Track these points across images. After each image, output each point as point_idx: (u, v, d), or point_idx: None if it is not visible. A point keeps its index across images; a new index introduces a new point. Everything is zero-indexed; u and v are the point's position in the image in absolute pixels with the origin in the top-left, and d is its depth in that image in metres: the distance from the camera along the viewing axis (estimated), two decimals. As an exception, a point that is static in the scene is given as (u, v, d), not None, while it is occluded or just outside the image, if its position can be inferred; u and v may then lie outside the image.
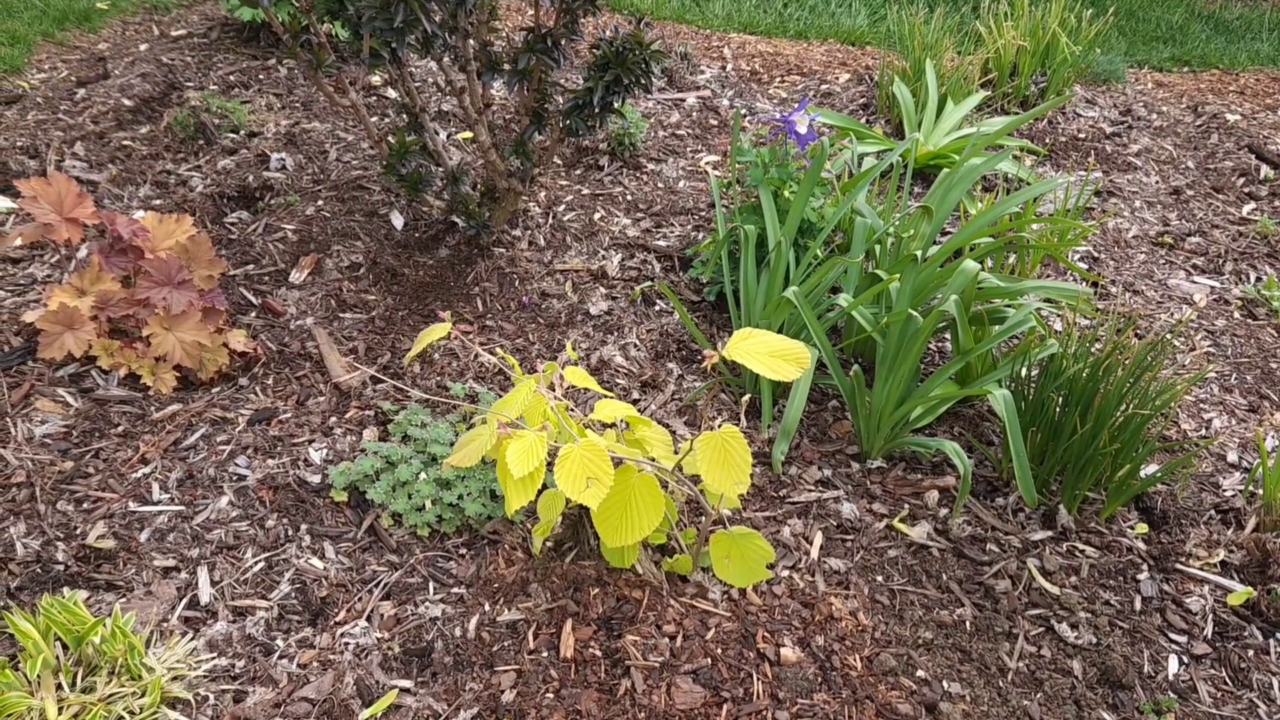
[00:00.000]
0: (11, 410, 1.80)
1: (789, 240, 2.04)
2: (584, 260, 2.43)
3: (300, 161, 2.67)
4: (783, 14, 4.43)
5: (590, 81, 1.97)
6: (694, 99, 3.34)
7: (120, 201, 2.46)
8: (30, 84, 3.17)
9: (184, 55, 3.29)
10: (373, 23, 1.71)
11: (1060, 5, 3.37)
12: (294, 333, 2.12)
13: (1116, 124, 3.37)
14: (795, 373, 1.26)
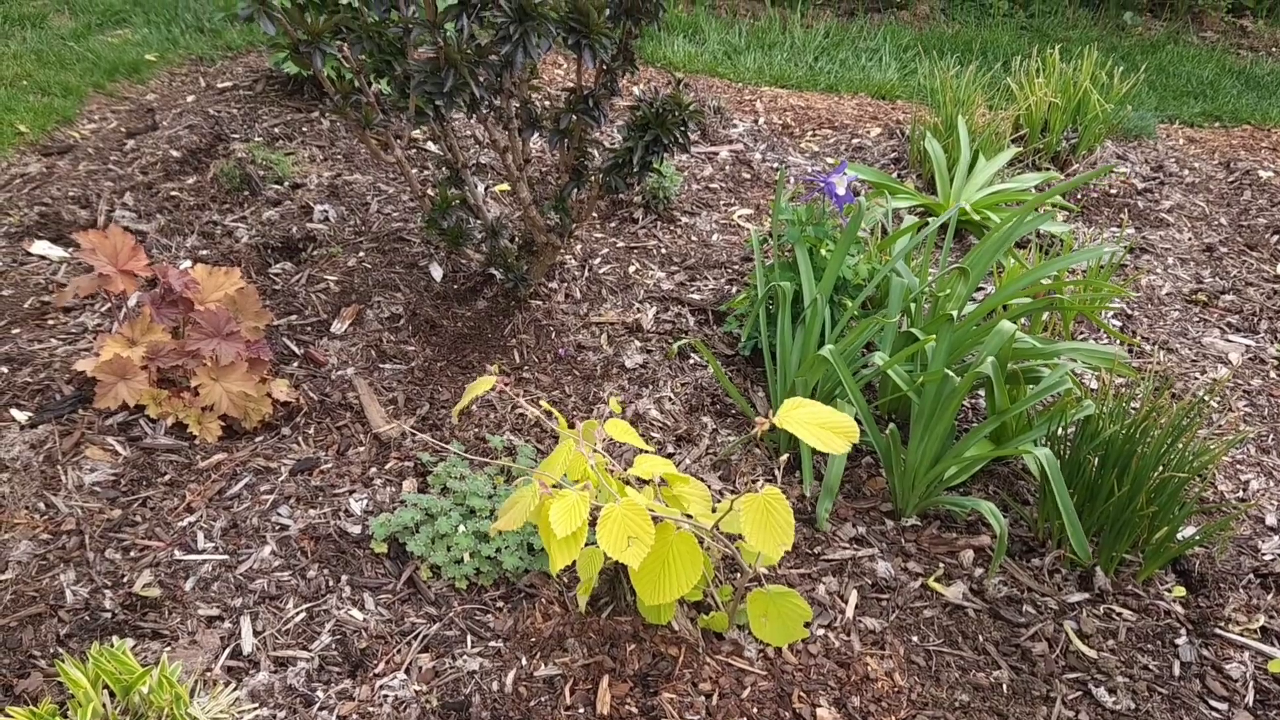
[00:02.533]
0: (63, 458, 1.84)
1: (825, 298, 2.06)
2: (619, 313, 2.46)
3: (342, 213, 2.73)
4: (813, 67, 4.49)
5: (630, 141, 2.01)
6: (727, 152, 3.38)
7: (168, 252, 2.52)
8: (81, 134, 3.27)
9: (230, 107, 3.37)
10: (422, 86, 1.76)
11: (1091, 62, 3.40)
12: (335, 383, 2.16)
13: (1148, 180, 3.38)
14: (844, 446, 1.28)
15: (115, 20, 4.49)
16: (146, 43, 4.19)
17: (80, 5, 4.56)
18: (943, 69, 3.94)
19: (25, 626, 1.55)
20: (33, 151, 3.11)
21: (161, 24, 4.41)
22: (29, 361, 2.09)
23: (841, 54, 4.66)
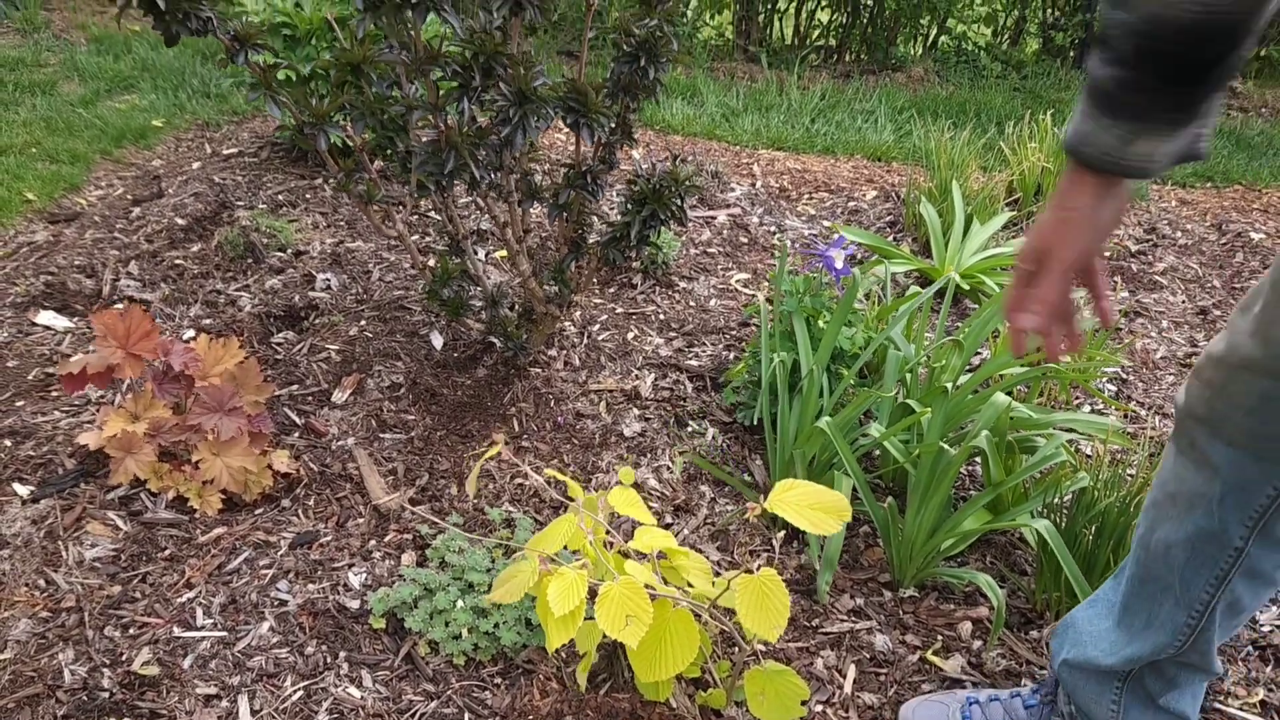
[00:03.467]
0: (64, 533, 1.85)
1: (821, 368, 2.08)
2: (618, 380, 2.48)
3: (344, 281, 2.76)
4: (810, 129, 4.56)
5: (628, 216, 2.04)
6: (724, 216, 3.43)
7: (172, 321, 2.55)
8: (88, 201, 3.32)
9: (235, 174, 3.43)
10: (424, 166, 1.80)
11: (1082, 127, 3.45)
12: (335, 453, 2.17)
13: (1141, 241, 3.42)
14: (836, 527, 1.29)
15: (124, 86, 4.57)
16: (154, 108, 4.26)
17: (90, 72, 4.64)
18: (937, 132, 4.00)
19: (23, 708, 1.55)
20: (40, 219, 3.16)
21: (169, 90, 4.49)
22: (32, 434, 2.10)
23: (838, 116, 4.73)
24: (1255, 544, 1.21)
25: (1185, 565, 1.28)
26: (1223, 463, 1.20)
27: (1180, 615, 1.32)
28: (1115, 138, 0.97)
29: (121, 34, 5.24)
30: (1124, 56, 0.94)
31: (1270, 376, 1.12)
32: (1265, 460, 1.16)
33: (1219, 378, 1.19)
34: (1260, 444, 1.16)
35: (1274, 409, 1.13)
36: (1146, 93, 0.94)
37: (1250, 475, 1.18)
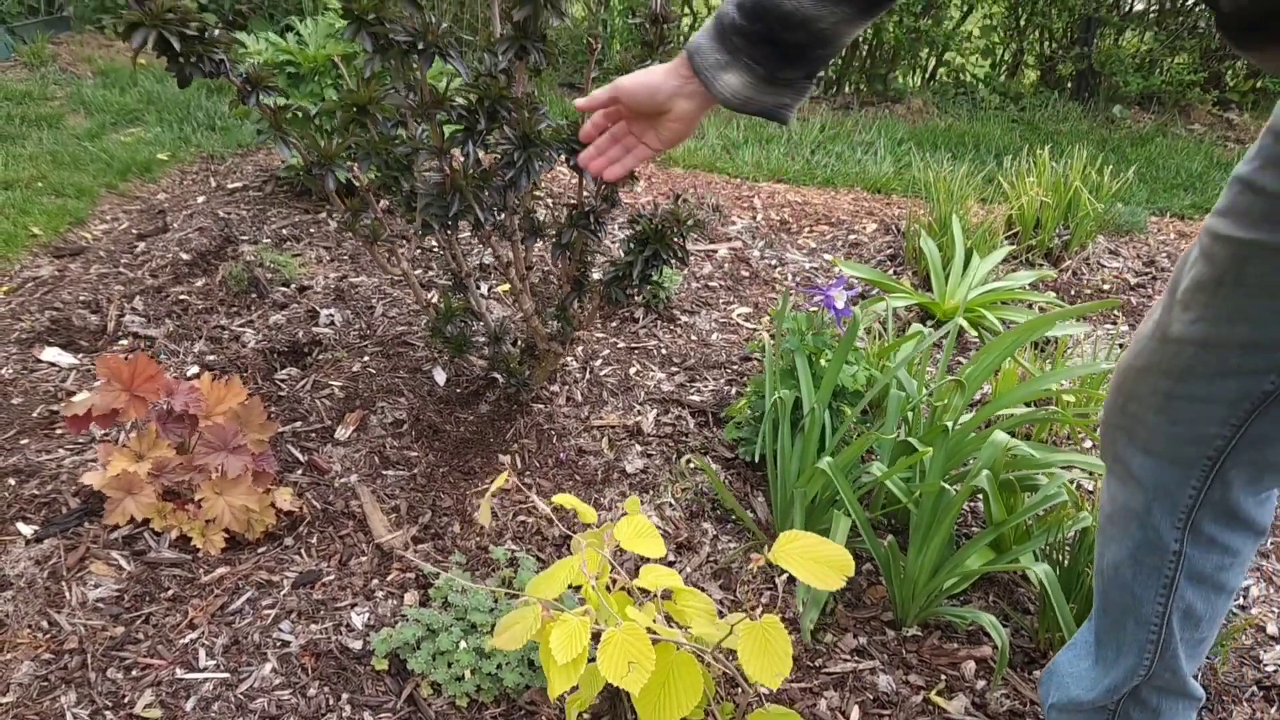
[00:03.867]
0: (67, 574, 1.86)
1: (823, 407, 2.09)
2: (620, 416, 2.49)
3: (348, 317, 2.78)
4: (810, 161, 4.59)
5: (630, 256, 2.06)
6: (725, 250, 3.45)
7: (176, 357, 2.56)
8: (93, 235, 3.34)
9: (239, 208, 3.45)
10: (429, 208, 1.82)
11: (1081, 162, 3.48)
12: (338, 491, 2.18)
13: (1141, 275, 3.44)
14: (838, 581, 1.30)
15: (129, 119, 4.61)
16: (159, 141, 4.30)
17: (96, 105, 4.68)
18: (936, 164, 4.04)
19: (25, 751, 1.55)
20: (45, 254, 3.18)
21: (174, 122, 4.52)
22: (36, 473, 2.11)
23: (837, 147, 4.76)
24: (1189, 545, 1.29)
25: (1134, 580, 1.35)
26: (1143, 472, 1.29)
27: (1141, 633, 1.37)
28: (715, 60, 1.21)
29: (128, 67, 5.29)
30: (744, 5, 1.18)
31: (1170, 376, 1.22)
32: (1179, 462, 1.25)
33: (1128, 384, 1.30)
34: (1172, 446, 1.25)
35: (1177, 408, 1.22)
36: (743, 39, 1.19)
37: (1169, 479, 1.26)
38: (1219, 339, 1.16)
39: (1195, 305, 1.19)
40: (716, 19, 1.23)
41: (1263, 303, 1.12)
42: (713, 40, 1.22)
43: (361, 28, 1.80)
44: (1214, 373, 1.18)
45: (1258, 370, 1.14)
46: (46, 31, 5.55)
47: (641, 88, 1.26)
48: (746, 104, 1.24)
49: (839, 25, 1.20)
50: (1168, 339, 1.22)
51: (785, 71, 1.23)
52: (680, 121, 1.27)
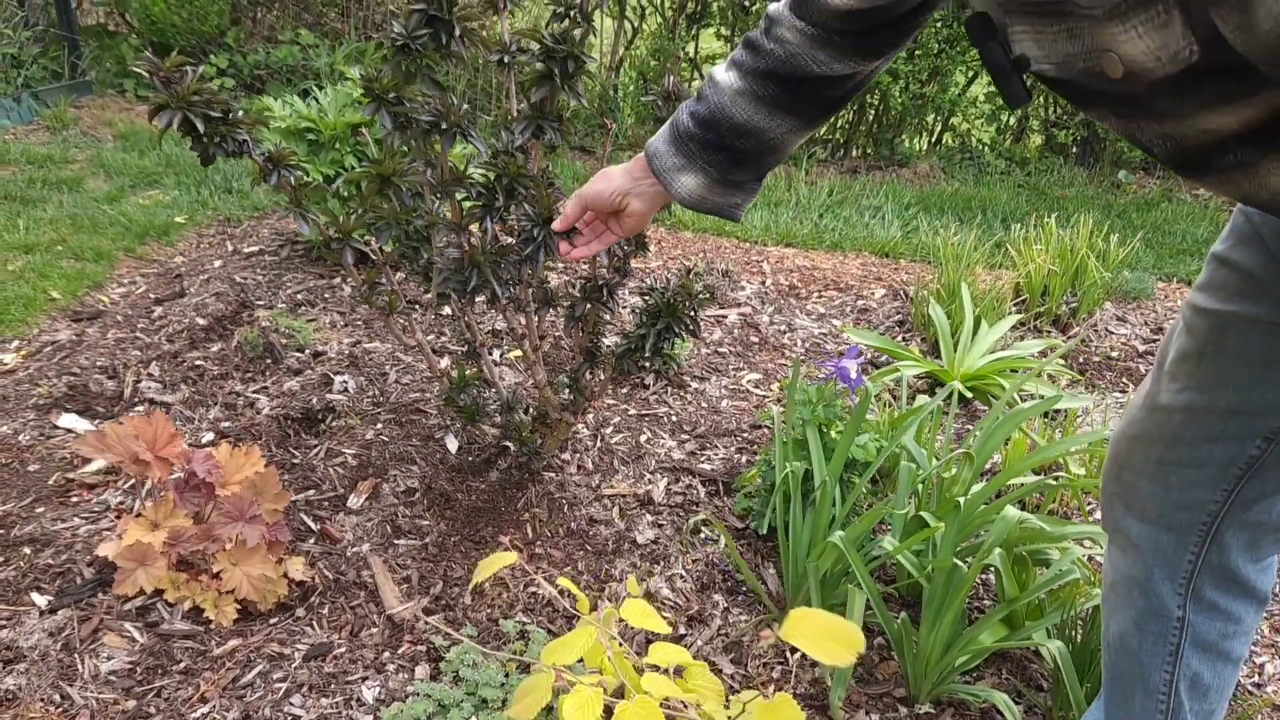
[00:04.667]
0: (80, 645, 1.86)
1: (834, 479, 2.10)
2: (631, 485, 2.50)
3: (361, 384, 2.80)
4: (818, 225, 4.64)
5: (643, 329, 2.09)
6: (735, 315, 3.48)
7: (191, 424, 2.59)
8: (111, 299, 3.38)
9: (255, 273, 3.50)
10: (447, 282, 1.85)
11: (1087, 230, 3.52)
12: (350, 560, 2.18)
13: (1149, 342, 3.45)
14: (849, 658, 1.30)
15: (148, 182, 4.69)
16: (176, 205, 4.37)
17: (115, 168, 4.77)
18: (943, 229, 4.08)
19: (35, 829, 1.54)
20: (63, 318, 3.22)
21: (191, 185, 4.60)
22: (51, 542, 2.12)
23: (845, 211, 4.82)
24: (1192, 611, 1.32)
25: (1140, 649, 1.37)
26: (1142, 539, 1.32)
27: (1150, 705, 1.39)
28: (673, 164, 1.36)
29: (148, 130, 5.39)
30: (698, 115, 1.34)
31: (1161, 444, 1.27)
32: (1176, 528, 1.28)
33: (1122, 452, 1.35)
34: (1167, 512, 1.29)
35: (1169, 474, 1.27)
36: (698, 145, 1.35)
37: (1168, 545, 1.30)
38: (1204, 406, 1.22)
39: (1181, 375, 1.25)
40: (673, 125, 1.38)
41: (1242, 371, 1.18)
42: (670, 145, 1.37)
43: (381, 106, 1.85)
44: (1202, 439, 1.23)
45: (1243, 436, 1.19)
46: (69, 96, 5.67)
47: (598, 196, 1.46)
48: (701, 203, 1.39)
49: (786, 135, 1.35)
50: (1157, 408, 1.28)
51: (736, 174, 1.37)
52: (634, 217, 1.46)
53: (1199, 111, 0.87)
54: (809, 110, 1.32)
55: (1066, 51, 0.90)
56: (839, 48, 1.25)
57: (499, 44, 2.01)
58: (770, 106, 1.30)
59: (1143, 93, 0.88)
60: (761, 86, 1.30)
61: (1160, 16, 0.79)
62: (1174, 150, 0.95)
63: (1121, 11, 0.81)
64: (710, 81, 1.35)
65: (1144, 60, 0.84)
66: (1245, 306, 1.16)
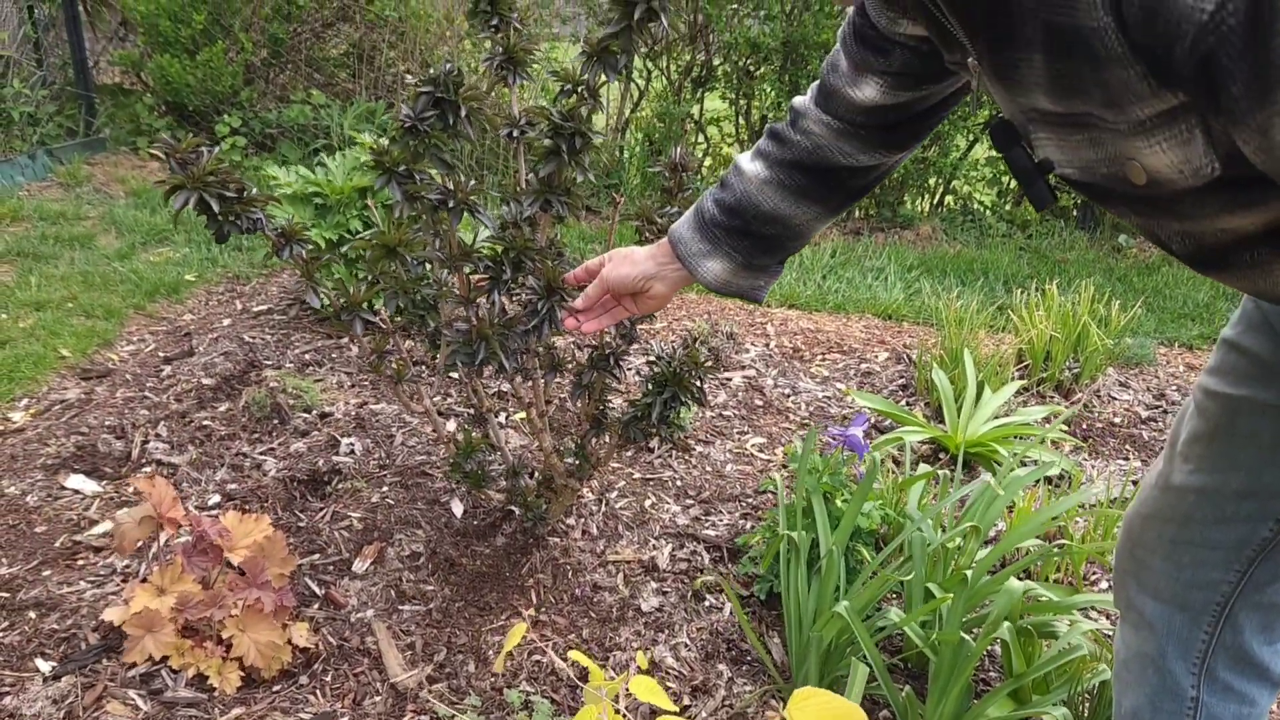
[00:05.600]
0: (84, 714, 1.86)
1: (841, 548, 2.10)
2: (635, 550, 2.50)
3: (368, 446, 2.82)
4: (822, 286, 4.68)
5: (649, 397, 2.10)
6: (740, 378, 3.50)
7: (198, 485, 2.60)
8: (120, 357, 3.41)
9: (264, 333, 3.53)
10: (456, 354, 1.87)
11: (1089, 296, 3.55)
12: (354, 626, 2.18)
13: (1151, 408, 3.47)
14: (854, 741, 1.30)
15: (158, 239, 4.75)
16: (187, 262, 4.42)
17: (127, 225, 4.83)
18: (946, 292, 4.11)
19: None
20: (73, 376, 3.24)
21: (202, 243, 4.66)
22: (57, 606, 2.13)
23: (849, 273, 4.86)
24: (1206, 691, 1.31)
25: None
26: (1155, 618, 1.32)
27: None
28: (698, 249, 1.40)
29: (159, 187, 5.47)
30: (724, 203, 1.38)
31: (1173, 523, 1.28)
32: (1189, 608, 1.28)
33: (1135, 530, 1.35)
34: (1180, 592, 1.28)
35: (1182, 554, 1.27)
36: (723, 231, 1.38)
37: (1181, 624, 1.29)
38: (1216, 488, 1.23)
39: (1193, 457, 1.26)
40: (697, 212, 1.42)
41: (1254, 454, 1.20)
42: (694, 231, 1.41)
43: (391, 179, 1.89)
44: (1214, 520, 1.24)
45: (1255, 518, 1.21)
46: (83, 153, 5.76)
47: (622, 281, 1.48)
48: (726, 286, 1.43)
49: (812, 222, 1.39)
50: (1169, 487, 1.29)
51: (761, 259, 1.41)
52: (655, 299, 1.49)
53: (1219, 214, 0.90)
54: (834, 199, 1.37)
55: (1090, 158, 0.92)
56: (864, 140, 1.30)
57: (508, 118, 2.06)
58: (796, 195, 1.35)
59: (1165, 197, 0.91)
60: (788, 176, 1.35)
61: (1183, 134, 0.82)
62: (1192, 248, 0.98)
63: (1146, 129, 0.83)
64: (735, 170, 1.39)
65: (1167, 172, 0.86)
66: (1256, 391, 1.18)
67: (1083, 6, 0.76)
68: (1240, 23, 0.67)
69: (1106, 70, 0.79)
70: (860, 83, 1.25)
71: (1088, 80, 0.82)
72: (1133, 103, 0.81)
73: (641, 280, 1.47)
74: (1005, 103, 0.98)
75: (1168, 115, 0.81)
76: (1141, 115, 0.82)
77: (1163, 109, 0.81)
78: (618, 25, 1.87)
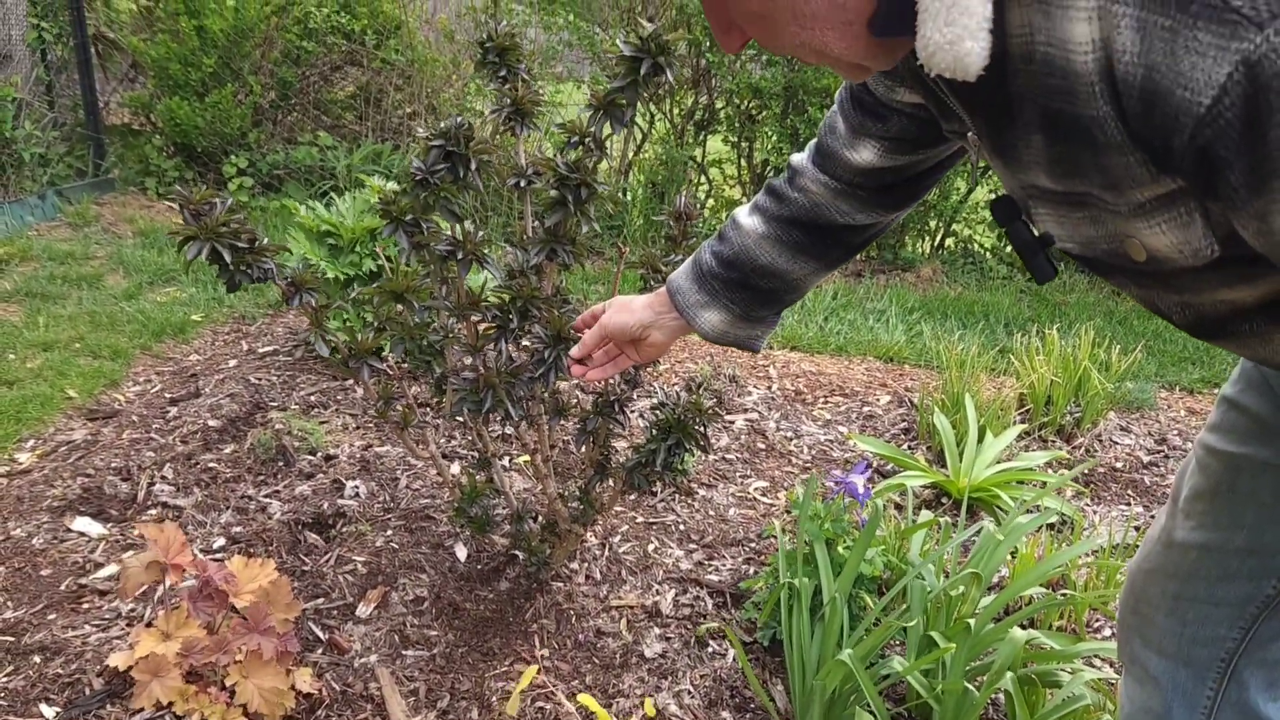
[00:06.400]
0: (87, 760, 1.86)
1: (843, 596, 2.11)
2: (639, 596, 2.50)
3: (373, 489, 2.83)
4: (824, 328, 4.71)
5: (653, 444, 2.12)
6: (742, 421, 3.52)
7: (203, 528, 2.61)
8: (126, 398, 3.43)
9: (270, 374, 3.55)
10: (463, 402, 1.89)
11: (1089, 339, 3.58)
12: (358, 671, 2.18)
13: (1153, 453, 3.48)
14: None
15: (165, 278, 4.79)
16: (193, 302, 4.46)
17: (134, 265, 4.87)
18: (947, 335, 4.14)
19: None
20: (79, 416, 3.26)
21: (208, 282, 4.69)
22: (62, 651, 2.13)
23: (850, 315, 4.89)
24: None
25: None
26: (1160, 673, 1.32)
27: None
28: (695, 300, 1.43)
29: (167, 226, 5.52)
30: (722, 255, 1.40)
31: (1176, 579, 1.28)
32: (1193, 663, 1.28)
33: (1138, 585, 1.36)
34: (1184, 647, 1.28)
35: (1185, 610, 1.27)
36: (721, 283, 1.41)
37: (1185, 679, 1.29)
38: (1219, 545, 1.23)
39: (1195, 514, 1.27)
40: (695, 264, 1.45)
41: (1256, 512, 1.20)
42: (693, 282, 1.44)
43: (399, 228, 1.92)
44: (1217, 577, 1.24)
45: (1258, 575, 1.21)
46: (92, 193, 5.82)
47: (620, 329, 1.52)
48: (723, 337, 1.46)
49: (809, 276, 1.42)
50: (1172, 544, 1.30)
51: (758, 311, 1.44)
52: (654, 347, 1.53)
53: (1218, 288, 0.92)
54: (832, 255, 1.40)
55: (1090, 235, 0.94)
56: (861, 200, 1.33)
57: (515, 169, 2.09)
58: (794, 250, 1.38)
59: (1165, 273, 0.93)
60: (785, 232, 1.37)
61: (1183, 217, 0.84)
62: (1192, 318, 1.00)
63: (1146, 210, 0.85)
64: (733, 223, 1.43)
65: (1167, 251, 0.88)
66: (1256, 450, 1.20)
67: (1083, 96, 0.78)
68: (1237, 116, 0.69)
69: (1106, 156, 0.81)
70: (858, 145, 1.28)
71: (1088, 164, 0.83)
72: (1132, 186, 0.83)
73: (639, 328, 1.50)
74: (1005, 178, 1.00)
75: (1167, 199, 0.83)
76: (1141, 198, 0.84)
77: (1162, 193, 0.82)
78: (624, 80, 1.91)
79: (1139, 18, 0.72)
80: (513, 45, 2.07)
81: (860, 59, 0.91)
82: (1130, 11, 0.72)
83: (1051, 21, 0.77)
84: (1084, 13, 0.75)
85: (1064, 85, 0.79)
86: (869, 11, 0.86)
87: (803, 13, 0.86)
